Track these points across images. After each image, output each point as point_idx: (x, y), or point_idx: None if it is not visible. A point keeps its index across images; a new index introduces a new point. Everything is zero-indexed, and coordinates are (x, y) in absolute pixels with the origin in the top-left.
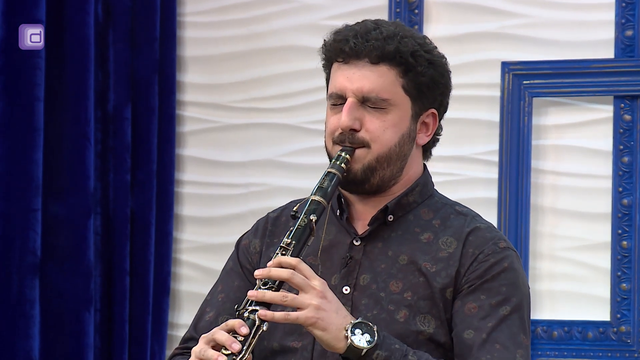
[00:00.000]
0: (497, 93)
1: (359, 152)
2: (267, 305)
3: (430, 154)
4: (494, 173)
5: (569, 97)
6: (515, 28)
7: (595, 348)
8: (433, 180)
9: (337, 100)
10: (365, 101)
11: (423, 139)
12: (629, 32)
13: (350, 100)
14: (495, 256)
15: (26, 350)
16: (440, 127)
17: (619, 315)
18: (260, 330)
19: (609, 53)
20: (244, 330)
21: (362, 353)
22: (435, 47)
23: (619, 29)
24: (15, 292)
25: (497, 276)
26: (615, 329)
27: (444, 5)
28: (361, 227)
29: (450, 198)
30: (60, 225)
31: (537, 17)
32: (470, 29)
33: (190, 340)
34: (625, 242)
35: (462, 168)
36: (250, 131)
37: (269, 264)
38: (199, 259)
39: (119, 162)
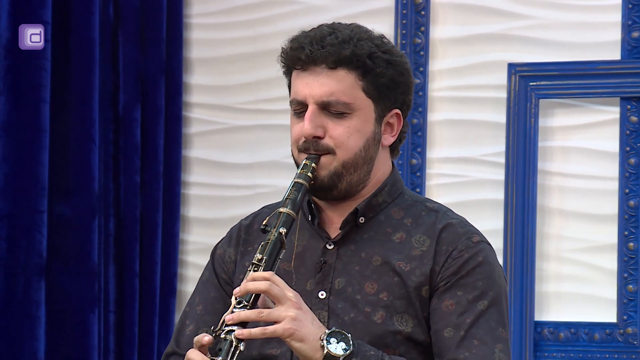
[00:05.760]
0: (503, 94)
1: (324, 159)
2: (244, 324)
3: (398, 152)
4: (500, 174)
5: (575, 99)
6: (522, 29)
7: (602, 350)
8: (439, 182)
9: (299, 107)
10: (326, 107)
11: (388, 139)
12: (636, 34)
13: (311, 108)
14: (469, 251)
15: (32, 351)
16: (406, 125)
17: (625, 317)
18: (238, 351)
19: (615, 54)
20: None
21: None
22: (394, 47)
23: (625, 31)
24: (21, 293)
25: (472, 271)
26: (621, 331)
27: (450, 6)
28: (333, 230)
29: (431, 199)
30: (66, 226)
31: (543, 19)
32: (476, 30)
33: (172, 355)
34: (631, 244)
35: (469, 169)
36: (257, 133)
37: (243, 282)
38: (205, 261)
39: (128, 163)
